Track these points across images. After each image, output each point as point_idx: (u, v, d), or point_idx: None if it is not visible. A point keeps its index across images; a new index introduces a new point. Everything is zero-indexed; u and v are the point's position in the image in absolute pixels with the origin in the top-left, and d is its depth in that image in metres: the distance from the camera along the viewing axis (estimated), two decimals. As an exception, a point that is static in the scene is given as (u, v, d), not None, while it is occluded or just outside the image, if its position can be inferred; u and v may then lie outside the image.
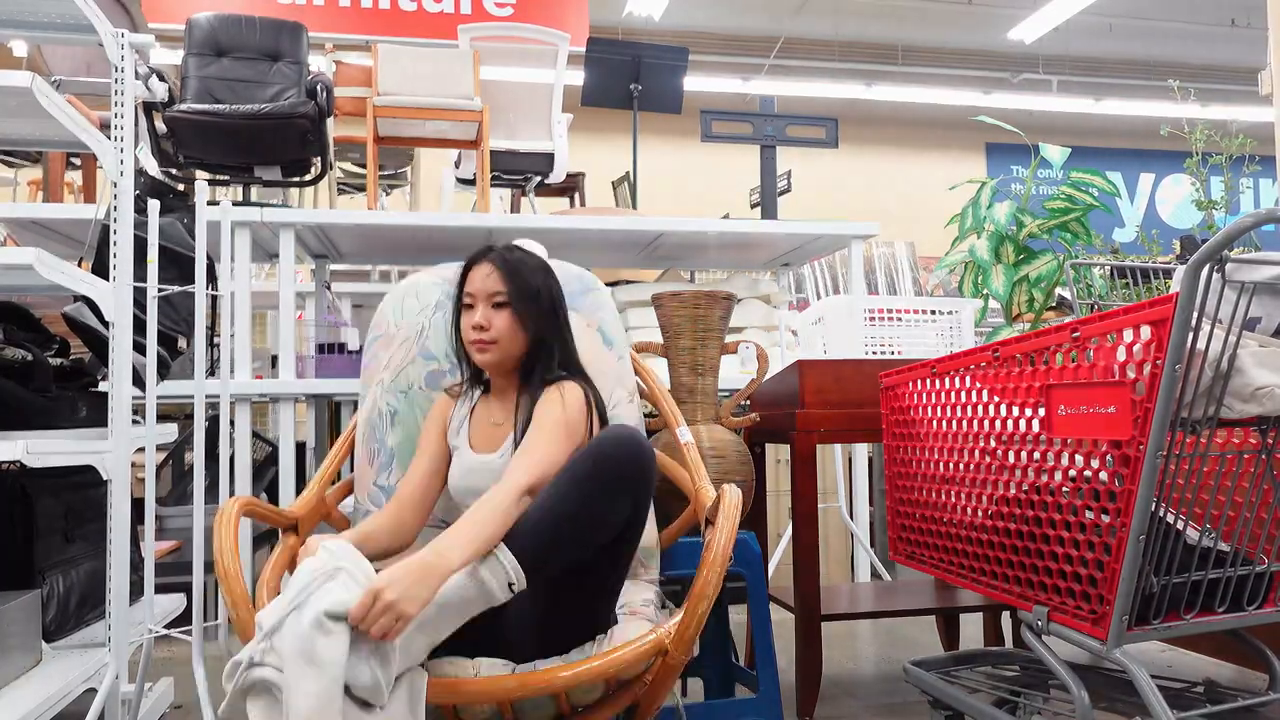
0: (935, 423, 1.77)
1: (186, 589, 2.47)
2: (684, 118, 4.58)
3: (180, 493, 3.53)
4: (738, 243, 3.83)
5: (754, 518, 2.36)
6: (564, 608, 1.37)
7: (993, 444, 1.62)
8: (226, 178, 3.86)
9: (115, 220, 1.93)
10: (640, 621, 1.49)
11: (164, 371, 2.08)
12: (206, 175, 3.80)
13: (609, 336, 1.91)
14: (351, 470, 1.90)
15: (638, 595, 1.64)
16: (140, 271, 1.94)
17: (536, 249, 1.73)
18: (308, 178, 3.84)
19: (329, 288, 4.05)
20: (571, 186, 4.86)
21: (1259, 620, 1.48)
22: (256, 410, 5.09)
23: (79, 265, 2.35)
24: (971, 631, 2.96)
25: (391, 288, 1.97)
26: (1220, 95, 8.98)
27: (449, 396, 1.76)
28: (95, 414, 2.08)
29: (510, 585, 1.29)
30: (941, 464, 1.75)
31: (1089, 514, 1.40)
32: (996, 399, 1.61)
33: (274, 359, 3.66)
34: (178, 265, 2.10)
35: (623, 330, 1.96)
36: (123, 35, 1.98)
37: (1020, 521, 1.54)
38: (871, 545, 3.83)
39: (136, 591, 2.09)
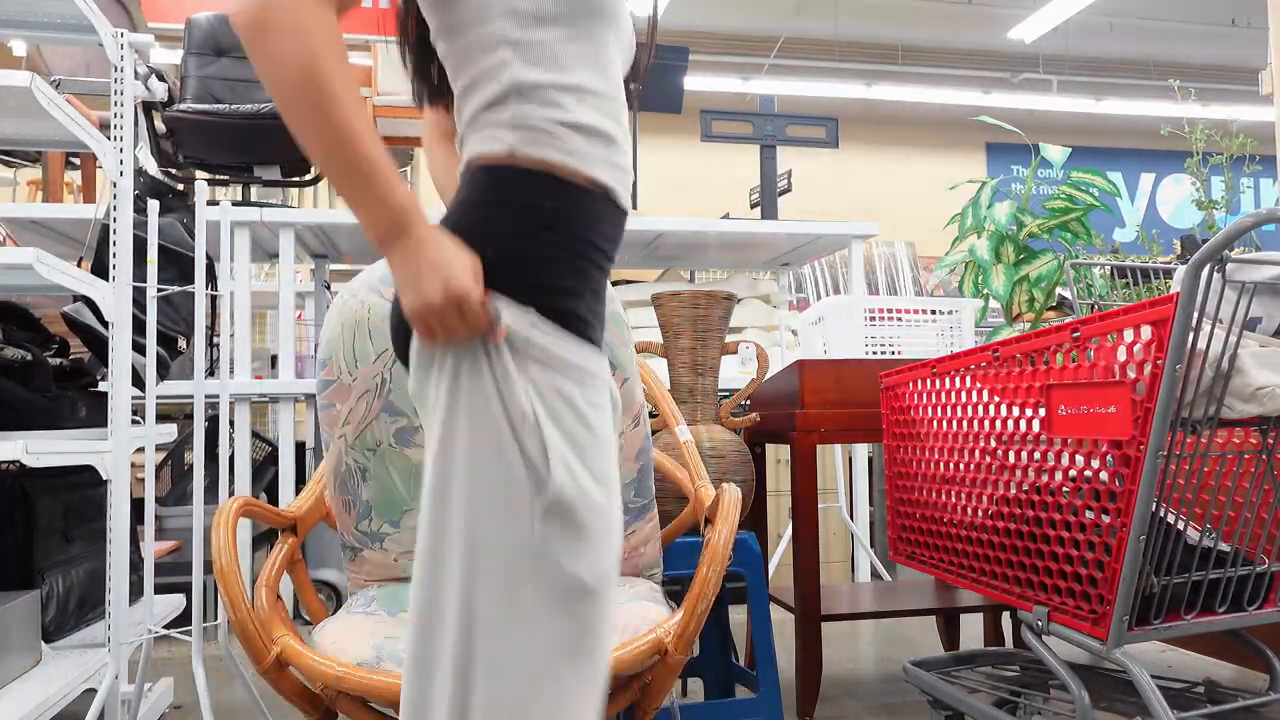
0: (935, 423, 1.77)
1: (186, 589, 2.47)
2: (684, 118, 4.58)
3: (180, 493, 3.53)
4: (738, 243, 3.83)
5: (754, 518, 2.36)
6: None
7: (993, 444, 1.61)
8: (226, 178, 3.86)
9: (115, 220, 1.93)
10: (639, 620, 1.49)
11: (164, 371, 2.08)
12: (206, 175, 3.80)
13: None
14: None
15: (636, 593, 1.64)
16: (140, 271, 1.94)
17: None
18: (308, 178, 3.84)
19: (329, 288, 4.05)
20: (571, 186, 4.85)
21: (1259, 620, 1.48)
22: (256, 410, 5.08)
23: (79, 265, 2.35)
24: (971, 631, 2.96)
25: (331, 310, 1.68)
26: (1220, 95, 8.98)
27: None
28: (95, 414, 2.08)
29: None
30: (942, 464, 1.75)
31: (1089, 514, 1.40)
32: (996, 399, 1.61)
33: (274, 359, 3.66)
34: (177, 265, 2.09)
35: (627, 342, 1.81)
36: (122, 35, 1.98)
37: (1020, 521, 1.53)
38: (871, 545, 3.83)
39: (136, 591, 2.09)
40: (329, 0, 0.85)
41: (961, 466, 1.69)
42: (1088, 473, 1.42)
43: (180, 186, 3.53)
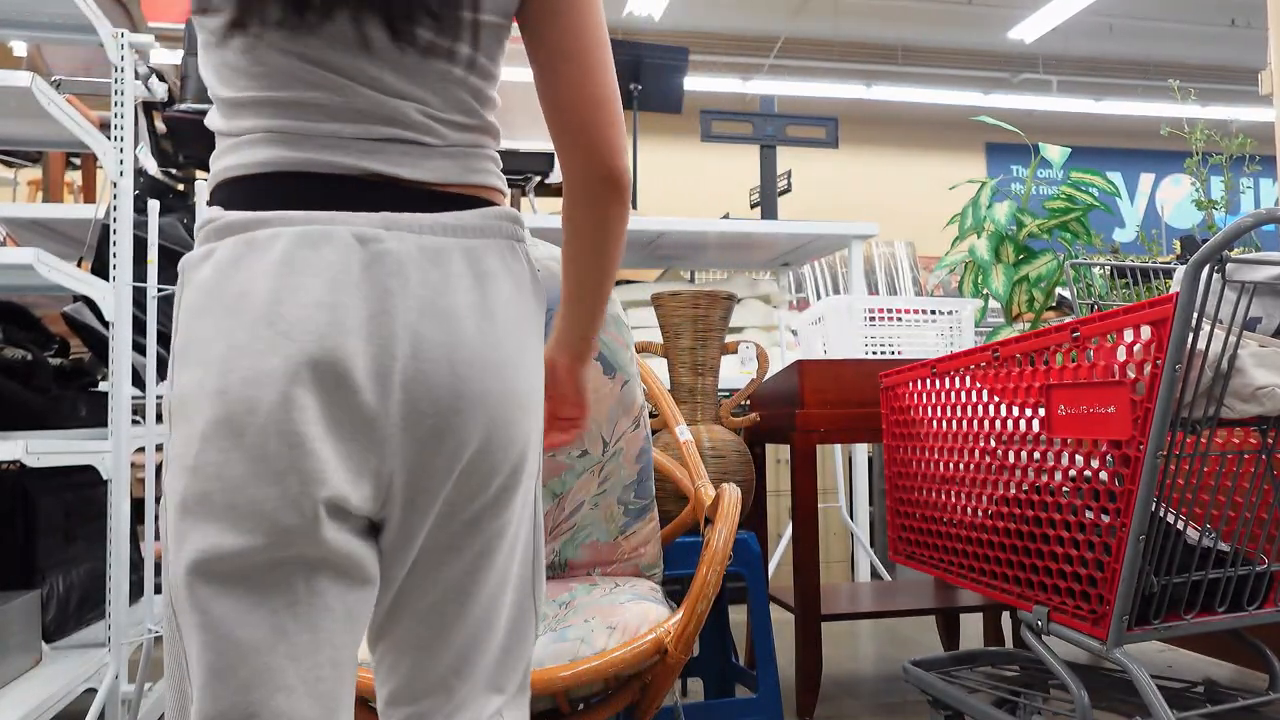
0: (935, 423, 1.77)
1: (186, 589, 2.47)
2: (684, 118, 4.59)
3: (180, 493, 3.53)
4: (738, 243, 3.83)
5: (754, 518, 2.36)
6: None
7: (993, 444, 1.62)
8: (226, 178, 3.85)
9: (115, 220, 1.93)
10: (639, 620, 1.49)
11: (164, 371, 2.08)
12: (206, 175, 3.79)
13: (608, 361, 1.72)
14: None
15: (636, 593, 1.64)
16: (140, 271, 1.94)
17: (548, 249, 1.68)
18: (308, 178, 3.83)
19: (329, 288, 4.04)
20: (572, 187, 4.84)
21: (1259, 620, 1.48)
22: (256, 410, 5.08)
23: (79, 265, 2.35)
24: (971, 631, 2.96)
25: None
26: (1220, 95, 8.98)
27: None
28: (95, 414, 2.08)
29: None
30: (941, 464, 1.75)
31: (1089, 514, 1.40)
32: (996, 399, 1.61)
33: (274, 359, 3.66)
34: (178, 265, 2.09)
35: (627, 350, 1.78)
36: (123, 35, 1.99)
37: (1020, 521, 1.53)
38: (871, 545, 3.83)
39: (136, 591, 2.09)
40: None
41: (961, 466, 1.70)
42: (1087, 473, 1.42)
43: (180, 186, 3.54)
